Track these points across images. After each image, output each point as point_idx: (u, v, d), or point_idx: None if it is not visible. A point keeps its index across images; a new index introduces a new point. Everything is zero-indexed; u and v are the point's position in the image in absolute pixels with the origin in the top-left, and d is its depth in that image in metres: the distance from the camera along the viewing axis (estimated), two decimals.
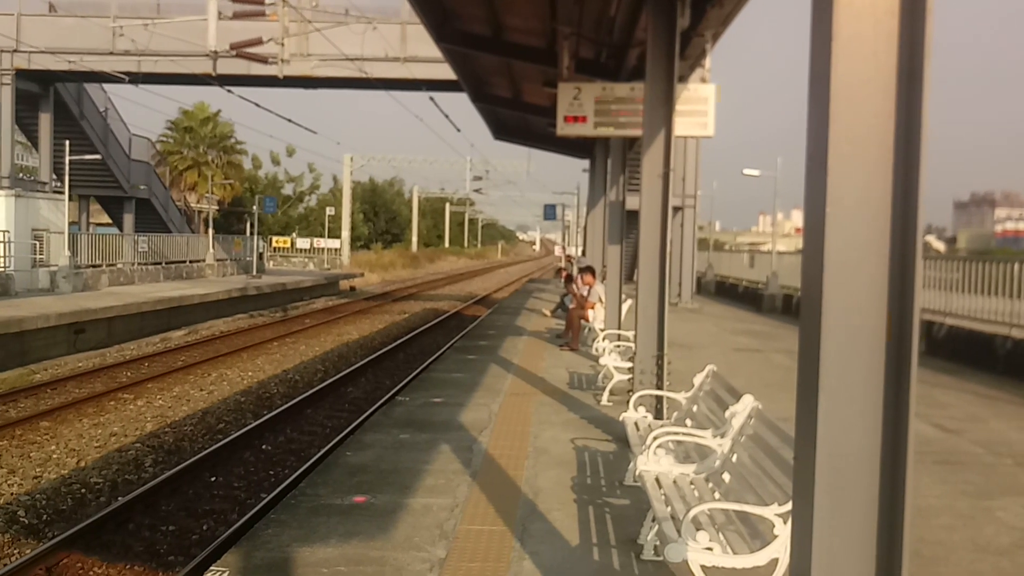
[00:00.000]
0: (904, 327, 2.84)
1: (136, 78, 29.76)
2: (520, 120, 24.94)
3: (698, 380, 7.08)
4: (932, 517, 6.48)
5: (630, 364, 10.15)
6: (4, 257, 24.69)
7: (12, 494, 9.78)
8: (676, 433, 6.13)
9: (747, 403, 5.49)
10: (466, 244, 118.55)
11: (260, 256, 43.44)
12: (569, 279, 22.35)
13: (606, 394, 11.01)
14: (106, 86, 35.41)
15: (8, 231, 25.05)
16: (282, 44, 26.64)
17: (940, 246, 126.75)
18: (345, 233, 62.01)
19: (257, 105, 30.98)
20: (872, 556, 2.90)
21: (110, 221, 43.46)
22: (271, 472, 11.14)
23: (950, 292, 16.19)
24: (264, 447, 12.28)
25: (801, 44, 3.12)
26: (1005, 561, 5.68)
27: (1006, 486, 7.53)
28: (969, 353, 14.80)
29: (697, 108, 12.77)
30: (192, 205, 52.15)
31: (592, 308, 16.40)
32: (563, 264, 41.19)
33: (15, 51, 29.63)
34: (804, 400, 3.00)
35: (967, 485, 7.48)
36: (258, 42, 25.31)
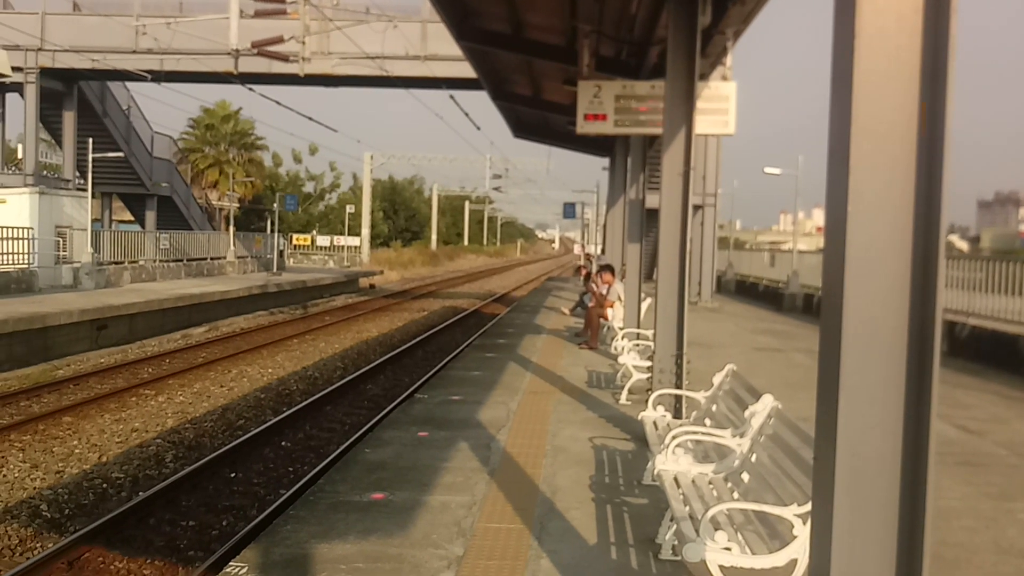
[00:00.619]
0: (926, 327, 2.82)
1: (158, 76, 29.94)
2: (540, 118, 24.94)
3: (717, 379, 7.05)
4: (954, 519, 6.42)
5: (649, 363, 10.12)
6: (28, 254, 24.90)
7: (35, 488, 9.87)
8: (695, 432, 6.10)
9: (767, 403, 5.46)
10: (485, 242, 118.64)
11: (280, 253, 43.68)
12: (588, 277, 22.30)
13: (625, 393, 10.99)
14: (129, 84, 35.67)
15: (32, 228, 25.28)
16: (303, 42, 26.72)
17: (963, 245, 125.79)
18: (365, 231, 62.22)
19: (278, 103, 31.20)
20: (892, 557, 2.88)
21: (132, 218, 43.81)
22: (290, 468, 11.18)
23: (973, 292, 16.05)
24: (283, 443, 12.32)
25: (823, 41, 3.10)
26: None
27: None
28: (992, 354, 14.67)
29: (718, 106, 12.71)
30: (213, 203, 52.47)
31: (611, 307, 16.36)
32: (582, 262, 41.16)
33: (40, 50, 29.88)
34: (824, 400, 2.98)
35: (990, 487, 7.41)
36: (279, 40, 25.41)
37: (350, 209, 63.54)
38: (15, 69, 29.83)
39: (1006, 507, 6.83)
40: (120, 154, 34.14)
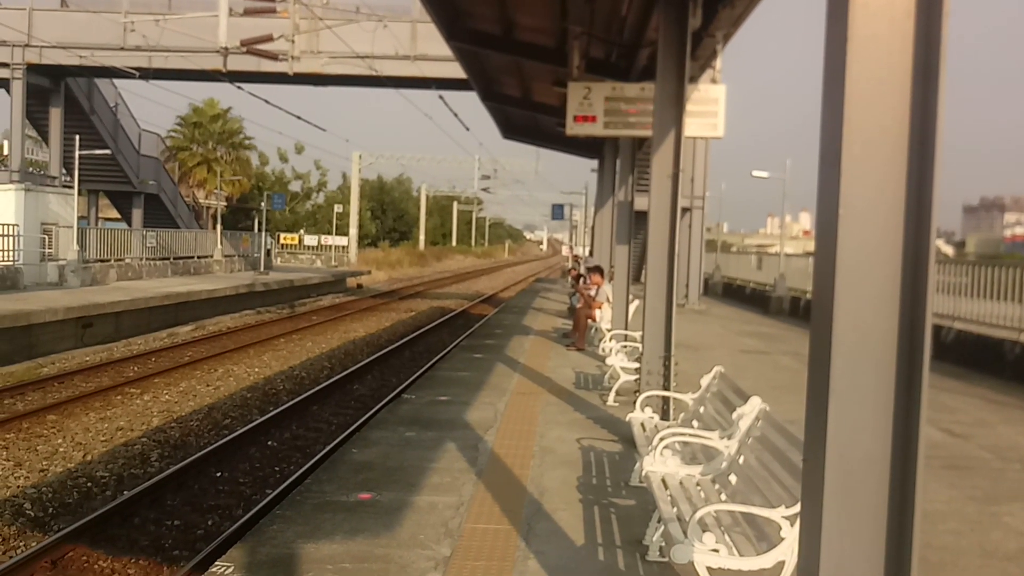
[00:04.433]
0: (916, 330, 2.83)
1: (146, 74, 29.84)
2: (529, 119, 24.92)
3: (705, 381, 7.06)
4: (940, 522, 6.45)
5: (637, 364, 10.13)
6: (13, 251, 24.75)
7: (19, 487, 9.81)
8: (683, 434, 6.11)
9: (755, 405, 5.47)
10: (473, 243, 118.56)
11: (268, 253, 43.57)
12: (579, 278, 22.25)
13: (612, 394, 11.00)
14: (116, 81, 35.54)
15: (18, 225, 25.12)
16: (292, 41, 26.69)
17: (949, 250, 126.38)
18: (353, 231, 62.08)
19: (267, 102, 31.12)
20: (881, 560, 2.88)
21: (119, 216, 43.60)
22: (276, 468, 11.15)
23: (959, 296, 16.13)
24: (270, 443, 12.28)
25: (813, 45, 3.10)
26: (1013, 567, 5.66)
27: (1014, 491, 7.50)
28: (977, 358, 14.75)
29: (707, 109, 12.74)
30: (200, 201, 52.33)
31: (599, 308, 16.38)
32: (571, 264, 41.22)
33: (27, 46, 29.71)
34: (814, 402, 2.98)
35: (975, 490, 7.45)
36: (269, 39, 25.36)
37: (338, 209, 63.40)
38: (1, 65, 29.72)
39: (991, 510, 6.86)
40: (107, 151, 33.99)
